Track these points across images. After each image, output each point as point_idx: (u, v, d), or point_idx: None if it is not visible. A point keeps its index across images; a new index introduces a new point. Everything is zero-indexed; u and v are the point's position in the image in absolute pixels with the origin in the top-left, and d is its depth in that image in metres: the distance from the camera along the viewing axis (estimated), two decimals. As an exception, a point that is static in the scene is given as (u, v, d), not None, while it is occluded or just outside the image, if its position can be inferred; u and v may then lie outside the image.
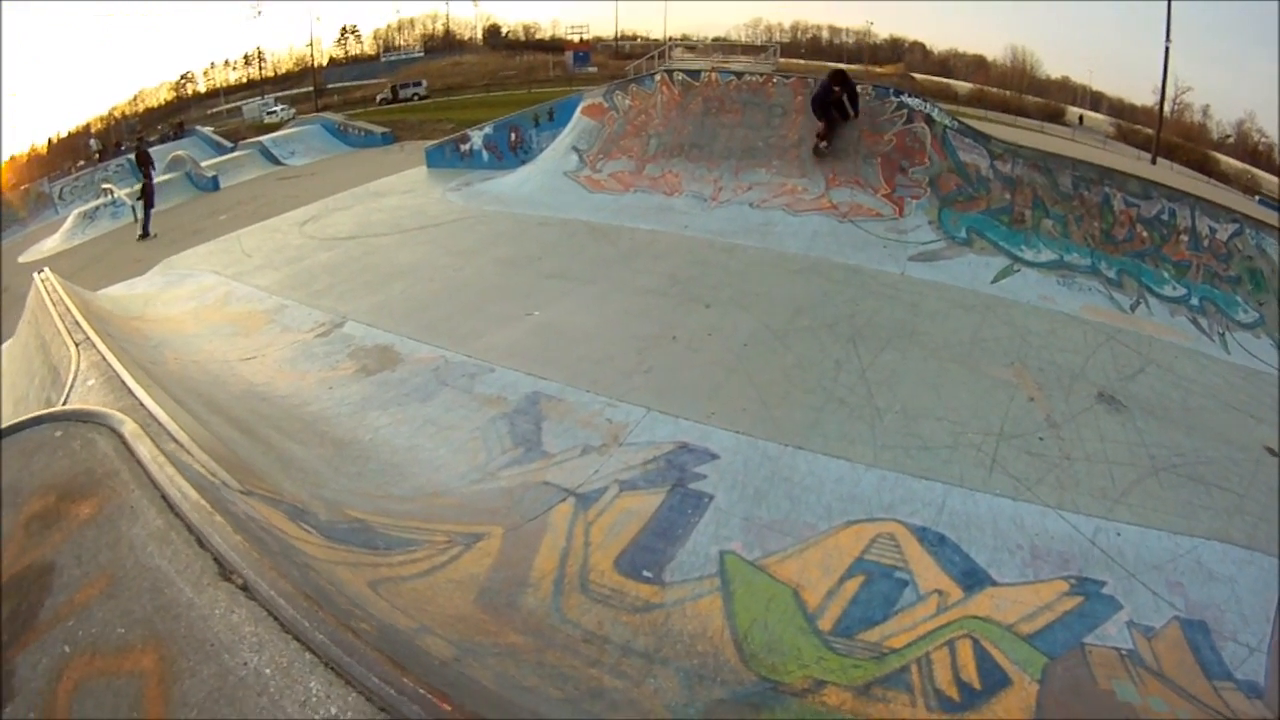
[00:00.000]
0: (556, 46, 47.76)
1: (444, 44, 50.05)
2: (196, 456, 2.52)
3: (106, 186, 16.62)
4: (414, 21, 50.24)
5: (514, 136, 12.45)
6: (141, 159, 13.79)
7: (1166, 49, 27.59)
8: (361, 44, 50.06)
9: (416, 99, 38.12)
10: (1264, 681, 2.76)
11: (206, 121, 34.89)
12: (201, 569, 1.73)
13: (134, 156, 15.62)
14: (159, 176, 15.80)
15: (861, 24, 46.48)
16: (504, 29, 51.46)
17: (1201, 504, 3.69)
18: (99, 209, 14.95)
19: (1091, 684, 2.69)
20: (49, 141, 38.19)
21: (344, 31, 49.41)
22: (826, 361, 4.97)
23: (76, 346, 3.91)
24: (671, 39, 38.84)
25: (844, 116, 8.22)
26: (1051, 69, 40.85)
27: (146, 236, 12.15)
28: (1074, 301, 6.29)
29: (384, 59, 48.80)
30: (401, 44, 50.14)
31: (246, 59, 48.11)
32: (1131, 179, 7.48)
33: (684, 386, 4.64)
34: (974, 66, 43.35)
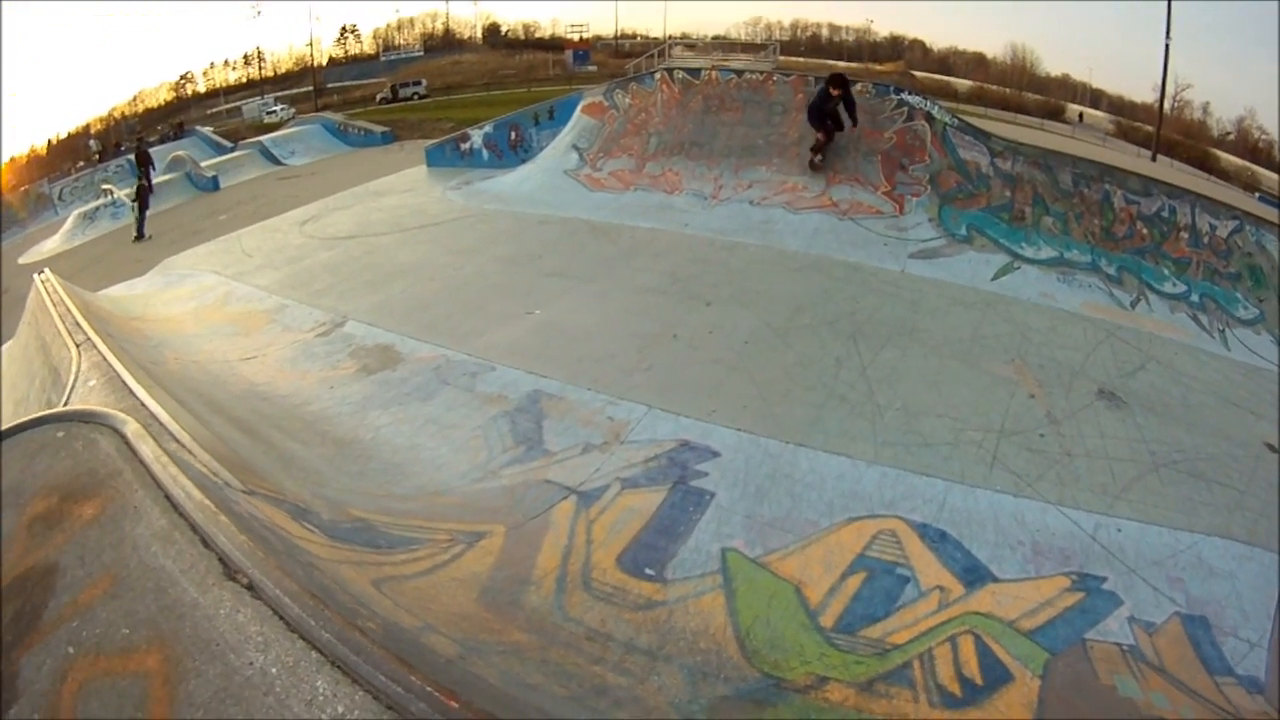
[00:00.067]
0: (556, 45, 47.65)
1: (443, 43, 49.95)
2: (199, 456, 2.53)
3: (106, 187, 16.62)
4: (413, 21, 50.17)
5: (514, 135, 12.43)
6: (141, 159, 13.79)
7: (1166, 46, 27.56)
8: (361, 43, 50.00)
9: (416, 98, 38.04)
10: (1265, 677, 2.77)
11: (206, 122, 34.82)
12: (206, 569, 1.73)
13: (134, 156, 15.62)
14: (159, 177, 15.81)
15: (861, 22, 46.34)
16: (503, 28, 51.40)
17: (1202, 500, 3.70)
18: (99, 210, 14.96)
19: (1093, 679, 2.70)
20: (48, 142, 38.15)
21: (343, 31, 49.35)
22: (827, 359, 4.97)
23: (77, 347, 3.92)
24: (671, 37, 38.84)
25: (839, 128, 8.10)
26: (1051, 66, 40.78)
27: (141, 238, 12.12)
28: (1074, 298, 6.29)
29: (383, 58, 48.70)
30: (401, 43, 50.05)
31: (246, 59, 48.03)
32: (1131, 176, 7.48)
33: (685, 384, 4.65)
34: (974, 64, 43.25)
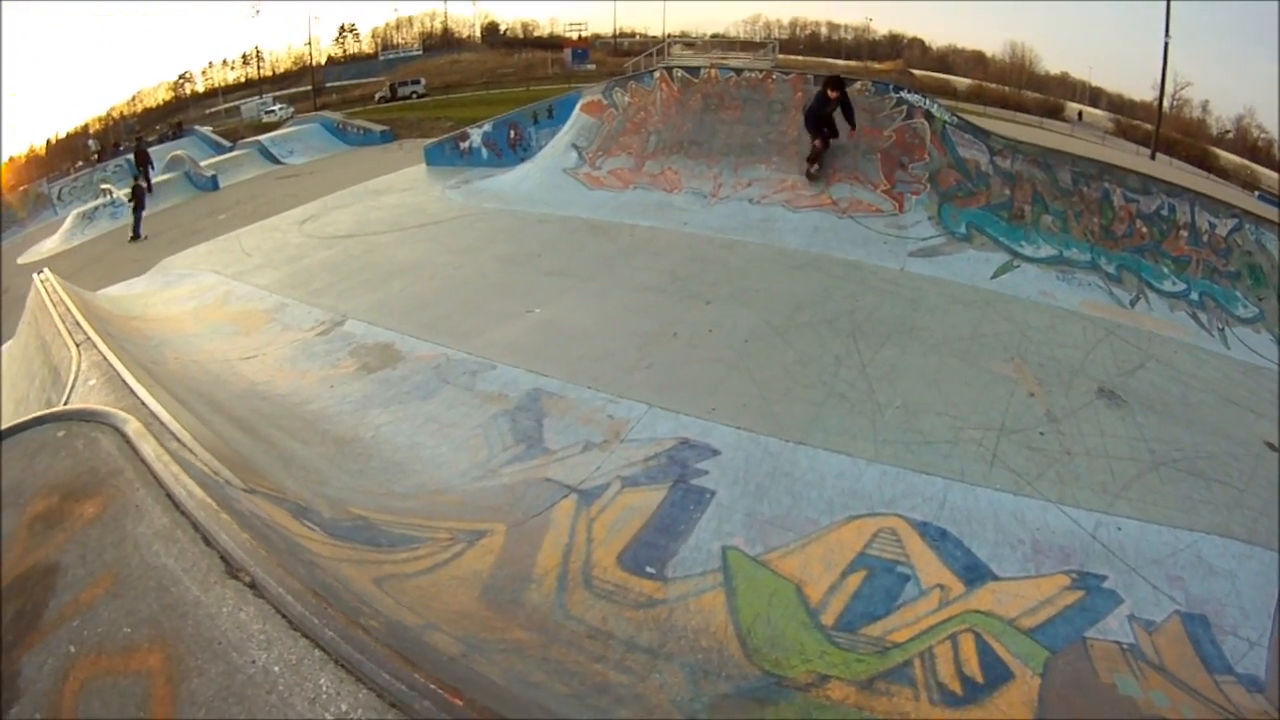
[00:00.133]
0: (555, 44, 47.55)
1: (442, 42, 49.85)
2: (200, 455, 2.53)
3: (105, 187, 16.60)
4: (412, 20, 50.05)
5: (513, 134, 12.43)
6: (140, 158, 13.77)
7: (1166, 44, 27.51)
8: (360, 42, 49.88)
9: (415, 97, 37.97)
10: (1265, 675, 2.78)
11: (205, 121, 34.73)
12: (208, 567, 1.73)
13: (133, 155, 15.58)
14: (158, 176, 15.81)
15: (860, 20, 46.20)
16: (502, 27, 51.27)
17: (1202, 499, 3.70)
18: (98, 209, 14.93)
19: (1093, 678, 2.70)
20: (48, 142, 38.06)
21: (342, 30, 49.24)
22: (827, 357, 4.97)
23: (77, 347, 3.91)
24: (670, 36, 38.83)
25: (835, 135, 8.07)
26: (1050, 65, 40.72)
27: (137, 239, 12.09)
28: (1074, 297, 6.29)
29: (382, 57, 48.60)
30: (400, 42, 49.93)
31: (245, 58, 47.91)
32: (1131, 174, 7.48)
33: (685, 383, 4.65)
34: (973, 62, 43.19)
